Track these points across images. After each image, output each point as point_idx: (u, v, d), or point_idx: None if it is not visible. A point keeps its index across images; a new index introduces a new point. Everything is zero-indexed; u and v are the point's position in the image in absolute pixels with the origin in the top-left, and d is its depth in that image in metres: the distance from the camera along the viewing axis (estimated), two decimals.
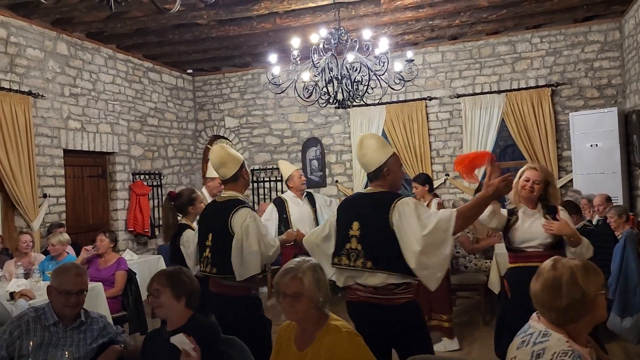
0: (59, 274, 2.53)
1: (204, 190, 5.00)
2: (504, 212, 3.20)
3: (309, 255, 3.48)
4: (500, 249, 4.38)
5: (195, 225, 3.61)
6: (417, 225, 2.50)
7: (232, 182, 3.17)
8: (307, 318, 1.99)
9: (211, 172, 4.94)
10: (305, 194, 5.11)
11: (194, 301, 2.33)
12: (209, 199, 4.74)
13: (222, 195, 3.21)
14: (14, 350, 2.36)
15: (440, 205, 4.60)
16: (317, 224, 4.89)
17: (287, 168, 5.24)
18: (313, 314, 1.99)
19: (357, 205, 2.77)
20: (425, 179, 5.01)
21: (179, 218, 3.79)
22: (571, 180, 6.94)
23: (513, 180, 2.70)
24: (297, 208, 4.96)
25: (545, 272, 1.68)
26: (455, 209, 2.60)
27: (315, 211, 4.99)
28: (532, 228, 3.07)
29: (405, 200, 2.60)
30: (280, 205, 5.03)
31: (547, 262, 1.72)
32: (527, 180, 3.13)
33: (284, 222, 4.90)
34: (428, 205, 4.76)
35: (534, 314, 1.78)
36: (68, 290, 2.45)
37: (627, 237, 3.86)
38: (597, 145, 6.51)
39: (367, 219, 2.65)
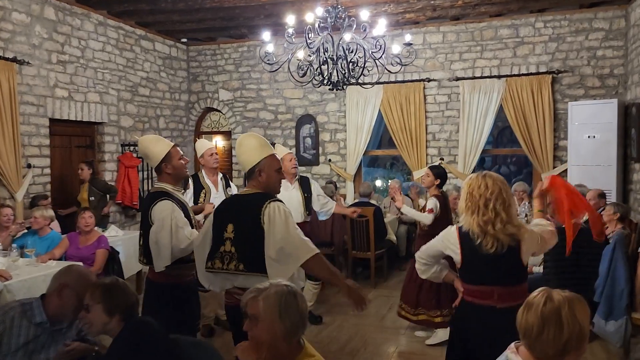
0: (85, 280, 2.38)
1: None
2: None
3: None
4: None
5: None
6: (285, 234, 2.48)
7: (158, 173, 3.06)
8: (274, 348, 1.77)
9: (198, 150, 4.81)
10: (298, 178, 5.00)
11: (128, 315, 2.18)
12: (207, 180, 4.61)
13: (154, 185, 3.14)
14: None
15: (430, 211, 4.48)
16: (306, 210, 4.80)
17: (280, 151, 5.13)
18: (280, 346, 1.78)
19: (231, 207, 2.72)
20: (440, 174, 4.74)
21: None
22: (565, 171, 6.85)
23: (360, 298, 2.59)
24: (286, 192, 4.84)
25: (541, 305, 1.59)
26: (318, 251, 2.53)
27: (306, 197, 4.87)
28: None
29: (279, 204, 2.58)
30: None
31: (540, 294, 1.63)
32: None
33: None
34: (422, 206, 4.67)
35: (512, 345, 1.71)
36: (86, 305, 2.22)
37: (617, 240, 3.79)
38: (594, 136, 6.39)
39: (241, 221, 2.60)
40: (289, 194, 4.87)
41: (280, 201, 2.63)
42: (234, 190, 4.84)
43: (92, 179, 6.25)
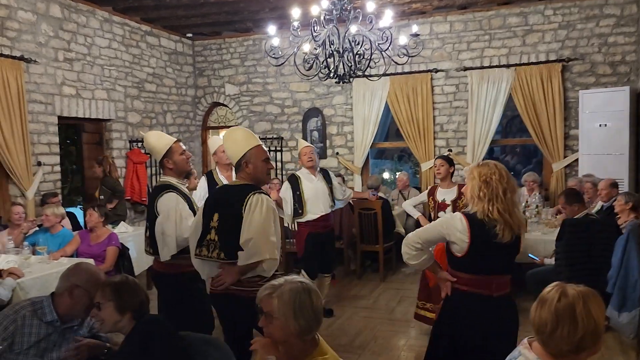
0: (96, 279, 2.39)
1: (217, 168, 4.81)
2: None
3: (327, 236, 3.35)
4: None
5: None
6: (259, 224, 2.57)
7: (162, 168, 3.27)
8: (289, 345, 1.78)
9: (211, 146, 4.85)
10: (319, 169, 5.01)
11: (140, 312, 2.21)
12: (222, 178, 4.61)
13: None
14: (9, 344, 2.28)
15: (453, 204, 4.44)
16: (332, 200, 4.84)
17: (300, 145, 5.12)
18: (294, 342, 1.78)
19: (219, 197, 2.84)
20: (453, 162, 4.74)
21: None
22: (576, 160, 6.78)
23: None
24: (311, 184, 4.87)
25: (555, 301, 1.56)
26: (268, 258, 2.62)
27: (331, 187, 4.91)
28: None
29: (262, 196, 2.65)
30: (294, 182, 4.95)
31: (554, 290, 1.60)
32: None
33: (298, 199, 4.81)
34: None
35: (525, 340, 1.69)
36: (98, 303, 2.23)
37: (630, 231, 3.74)
38: (606, 125, 6.31)
39: (225, 211, 2.70)
40: (314, 185, 4.88)
41: (266, 194, 2.70)
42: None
43: (103, 178, 6.28)
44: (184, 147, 3.26)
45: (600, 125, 6.36)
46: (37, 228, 4.96)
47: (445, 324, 2.51)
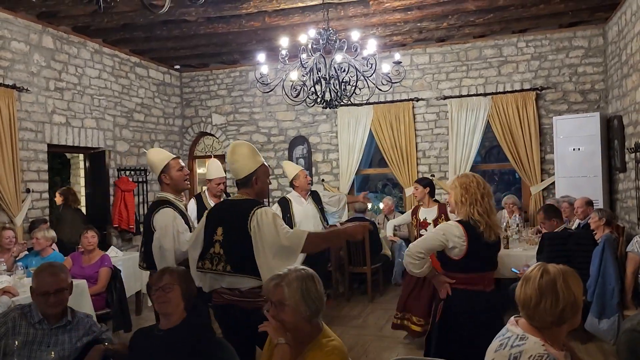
0: (36, 275, 2.53)
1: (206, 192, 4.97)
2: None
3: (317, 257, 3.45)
4: None
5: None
6: (275, 235, 2.63)
7: (160, 184, 3.32)
8: (297, 330, 1.92)
9: (209, 174, 4.98)
10: (309, 193, 5.15)
11: (190, 304, 2.39)
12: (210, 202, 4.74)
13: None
14: (1, 347, 2.35)
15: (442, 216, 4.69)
16: (323, 221, 4.95)
17: (293, 169, 5.28)
18: (303, 326, 1.92)
19: (222, 211, 2.88)
20: (428, 183, 5.13)
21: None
22: (553, 183, 7.06)
23: (370, 229, 2.98)
24: (301, 207, 5.00)
25: (538, 277, 1.73)
26: (307, 232, 2.73)
27: (321, 209, 5.03)
28: None
29: (266, 209, 2.74)
30: (285, 205, 5.08)
31: (536, 268, 1.78)
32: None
33: (288, 221, 4.91)
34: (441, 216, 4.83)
35: (512, 318, 1.83)
36: (45, 291, 2.44)
37: (605, 241, 3.95)
38: (579, 149, 6.63)
39: (230, 225, 2.75)
40: (304, 208, 5.01)
41: (266, 206, 2.79)
42: None
43: (61, 206, 6.30)
44: (182, 164, 3.36)
45: (574, 149, 6.68)
46: (27, 252, 4.97)
47: (448, 322, 2.73)
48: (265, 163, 2.99)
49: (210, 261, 2.76)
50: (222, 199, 4.86)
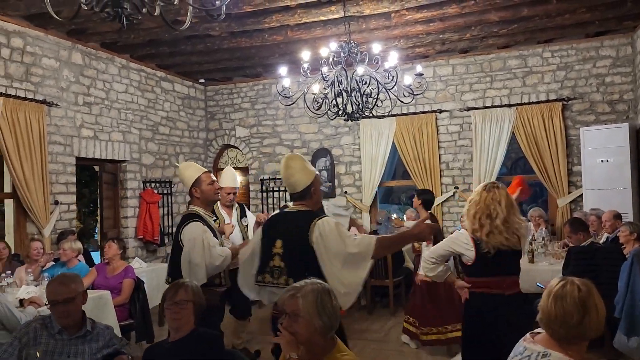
0: (48, 285, 2.59)
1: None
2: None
3: None
4: None
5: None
6: (340, 244, 2.60)
7: (190, 197, 3.32)
8: (311, 344, 1.90)
9: (221, 182, 4.82)
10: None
11: (199, 318, 2.43)
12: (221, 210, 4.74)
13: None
14: (23, 357, 2.41)
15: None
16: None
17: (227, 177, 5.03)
18: (316, 340, 1.90)
19: (280, 224, 2.85)
20: (423, 193, 5.30)
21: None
22: (581, 196, 6.89)
23: (437, 228, 3.06)
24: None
25: (568, 292, 1.70)
26: (375, 236, 2.72)
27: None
28: None
29: (327, 219, 2.71)
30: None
31: (559, 282, 1.75)
32: None
33: None
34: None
35: (527, 335, 1.79)
36: (53, 301, 2.48)
37: (634, 256, 3.82)
38: (607, 160, 6.46)
39: (289, 237, 2.73)
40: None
41: (326, 216, 2.78)
42: (250, 219, 4.91)
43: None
44: (213, 178, 3.35)
45: (602, 160, 6.51)
46: (53, 262, 5.08)
47: (469, 324, 2.82)
48: (317, 172, 2.97)
49: (270, 274, 2.73)
50: (234, 208, 4.87)
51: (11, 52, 5.71)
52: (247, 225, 4.86)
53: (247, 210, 5.16)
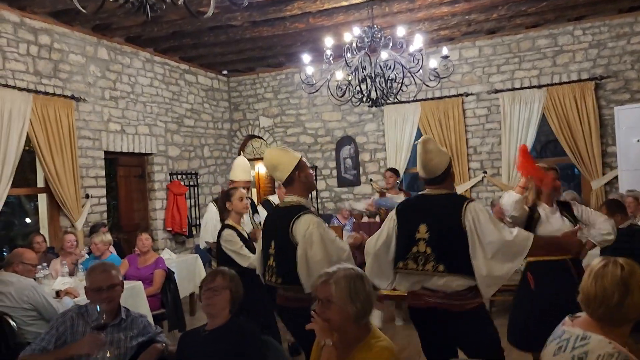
0: (89, 274, 2.64)
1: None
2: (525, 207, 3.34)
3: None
4: None
5: (235, 223, 3.63)
6: (495, 231, 2.49)
7: (288, 185, 2.90)
8: (344, 330, 1.87)
9: (233, 175, 4.63)
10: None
11: (236, 307, 2.41)
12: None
13: (285, 200, 2.94)
14: (61, 345, 2.46)
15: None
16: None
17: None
18: (350, 327, 1.88)
19: (422, 208, 2.70)
20: (398, 172, 6.16)
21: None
22: (616, 177, 6.67)
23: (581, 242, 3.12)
24: None
25: (610, 271, 1.63)
26: (532, 234, 2.59)
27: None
28: (557, 224, 3.25)
29: (477, 204, 2.60)
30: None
31: (600, 261, 1.68)
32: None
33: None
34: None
35: (567, 318, 1.73)
36: (99, 287, 2.53)
37: None
38: None
39: (437, 222, 2.59)
40: None
41: (473, 200, 2.70)
42: (262, 216, 4.58)
43: None
44: (306, 163, 3.02)
45: (638, 140, 6.29)
46: (87, 256, 5.19)
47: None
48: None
49: (414, 261, 2.58)
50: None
51: (39, 49, 5.81)
52: (260, 223, 4.41)
53: (256, 205, 5.01)
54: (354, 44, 4.88)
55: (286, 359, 2.40)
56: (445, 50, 4.97)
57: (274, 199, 5.26)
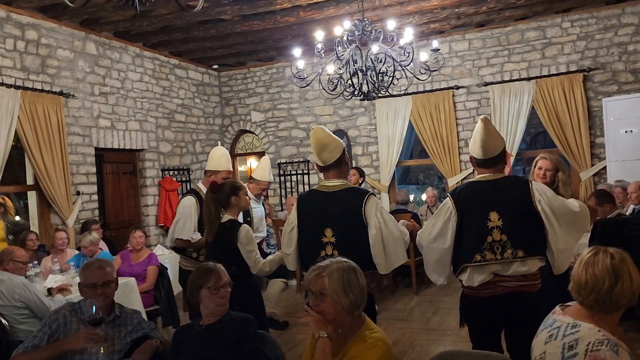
0: (84, 270, 2.63)
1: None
2: None
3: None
4: None
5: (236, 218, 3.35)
6: (565, 204, 2.55)
7: (336, 168, 2.84)
8: (338, 322, 1.90)
9: (217, 165, 4.44)
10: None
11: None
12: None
13: (327, 184, 2.84)
14: (54, 342, 2.44)
15: None
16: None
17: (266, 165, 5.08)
18: (344, 319, 1.90)
19: (487, 195, 2.61)
20: (363, 172, 6.34)
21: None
22: (604, 168, 6.75)
23: None
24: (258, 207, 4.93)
25: (600, 259, 1.66)
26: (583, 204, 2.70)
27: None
28: None
29: (538, 183, 2.67)
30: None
31: (591, 250, 1.71)
32: (540, 169, 3.35)
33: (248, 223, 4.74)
34: None
35: (557, 307, 1.76)
36: (93, 283, 2.52)
37: None
38: (631, 131, 6.31)
39: (508, 207, 2.55)
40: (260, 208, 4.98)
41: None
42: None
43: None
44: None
45: (625, 131, 6.36)
46: (77, 251, 5.15)
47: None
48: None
49: (491, 251, 2.51)
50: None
51: (26, 45, 5.74)
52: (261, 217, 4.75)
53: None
54: (345, 38, 4.87)
55: (281, 354, 2.40)
56: (435, 44, 4.98)
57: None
